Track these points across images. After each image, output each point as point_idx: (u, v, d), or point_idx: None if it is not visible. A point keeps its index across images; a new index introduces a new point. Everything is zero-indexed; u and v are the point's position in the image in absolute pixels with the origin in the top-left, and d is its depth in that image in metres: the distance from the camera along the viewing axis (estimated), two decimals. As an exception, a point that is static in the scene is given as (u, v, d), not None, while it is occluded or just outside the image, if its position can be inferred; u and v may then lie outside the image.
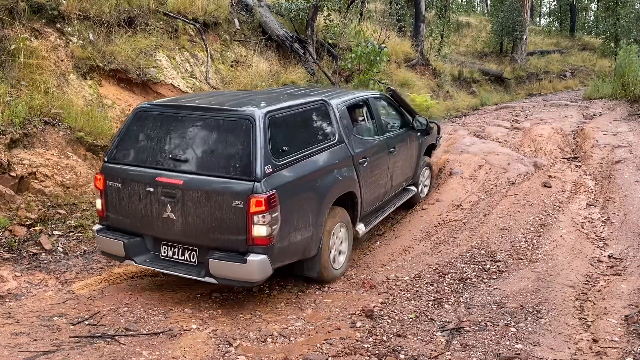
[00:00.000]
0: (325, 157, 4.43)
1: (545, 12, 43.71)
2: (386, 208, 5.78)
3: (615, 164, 7.92)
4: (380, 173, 5.36)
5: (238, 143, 3.80)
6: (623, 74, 14.72)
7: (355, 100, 5.40)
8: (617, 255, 5.07)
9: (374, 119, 5.58)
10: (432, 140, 6.99)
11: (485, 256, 5.14)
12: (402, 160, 5.94)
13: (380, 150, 5.39)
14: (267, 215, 3.63)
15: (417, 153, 6.47)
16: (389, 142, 5.61)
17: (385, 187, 5.56)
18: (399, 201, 6.10)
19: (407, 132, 6.22)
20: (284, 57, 10.89)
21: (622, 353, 3.25)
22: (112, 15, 7.68)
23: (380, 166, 5.33)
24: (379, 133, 5.52)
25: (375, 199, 5.36)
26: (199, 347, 3.34)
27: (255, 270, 3.68)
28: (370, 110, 5.60)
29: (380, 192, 5.43)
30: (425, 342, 3.45)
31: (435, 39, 18.28)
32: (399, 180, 5.95)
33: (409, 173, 6.30)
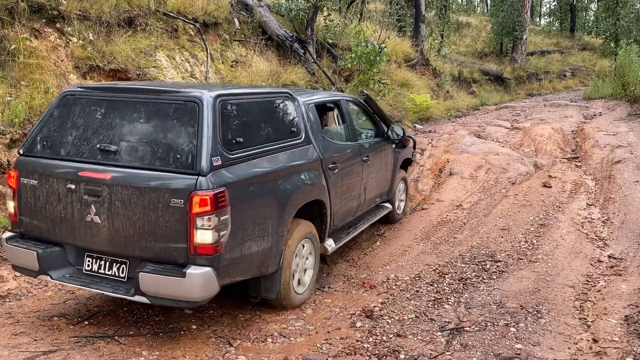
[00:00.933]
0: (289, 156, 3.85)
1: (545, 12, 43.73)
2: (359, 224, 5.19)
3: (615, 164, 7.92)
4: (353, 183, 4.82)
5: (181, 131, 3.17)
6: (623, 74, 14.72)
7: (325, 101, 4.95)
8: (617, 256, 5.07)
9: (346, 122, 5.05)
10: (408, 154, 6.47)
11: (485, 256, 5.14)
12: (377, 172, 5.40)
13: (353, 157, 4.86)
14: (214, 218, 3.00)
15: (392, 166, 5.91)
16: (363, 150, 5.09)
17: (358, 200, 5.00)
18: (372, 218, 5.50)
19: (382, 142, 5.69)
20: (284, 57, 10.89)
21: (622, 353, 3.25)
22: (112, 15, 7.67)
23: (352, 175, 4.79)
24: (351, 139, 4.99)
25: (347, 213, 4.79)
26: (199, 347, 3.34)
27: (196, 287, 3.04)
28: (342, 113, 5.07)
29: (352, 205, 4.87)
30: (425, 342, 3.45)
31: (435, 39, 18.28)
32: (373, 194, 5.39)
33: (384, 187, 5.74)
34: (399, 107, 12.37)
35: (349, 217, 4.89)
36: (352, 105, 5.44)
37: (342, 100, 5.20)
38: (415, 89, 13.62)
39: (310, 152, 4.14)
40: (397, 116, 11.92)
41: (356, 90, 11.16)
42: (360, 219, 5.31)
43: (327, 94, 5.43)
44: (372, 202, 5.51)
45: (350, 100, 5.46)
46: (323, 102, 4.87)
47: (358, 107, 5.61)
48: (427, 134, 10.84)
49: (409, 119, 12.31)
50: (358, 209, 5.09)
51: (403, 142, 6.17)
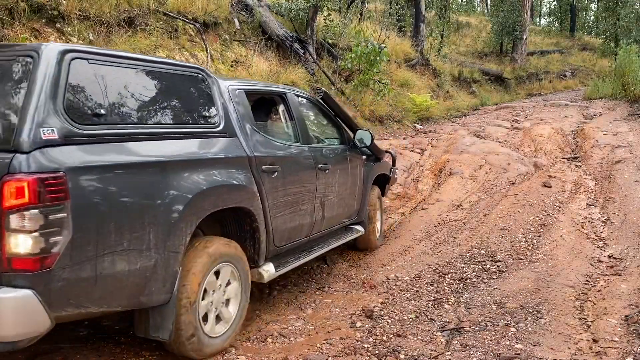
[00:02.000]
0: (194, 146, 3.00)
1: (545, 12, 43.73)
2: (316, 247, 4.25)
3: (615, 164, 7.92)
4: (303, 194, 3.90)
5: (9, 92, 2.39)
6: (623, 74, 14.72)
7: (263, 90, 4.20)
8: (617, 255, 5.07)
9: (294, 120, 4.15)
10: (383, 170, 5.59)
11: (485, 256, 5.14)
12: (341, 186, 4.52)
13: (303, 162, 3.97)
14: (37, 216, 2.11)
15: (362, 181, 5.03)
16: (319, 156, 4.20)
17: (313, 217, 4.07)
18: (335, 241, 4.58)
19: (349, 151, 4.83)
20: (284, 57, 10.89)
21: (622, 353, 3.25)
22: (112, 15, 7.68)
23: (302, 184, 3.89)
24: (301, 140, 4.10)
25: (295, 231, 3.88)
26: (199, 347, 3.34)
27: (6, 320, 2.12)
28: (289, 109, 4.17)
29: (303, 222, 3.95)
30: (425, 342, 3.45)
31: (435, 39, 18.29)
32: (335, 211, 4.47)
33: (351, 206, 4.85)
34: (399, 107, 12.38)
35: (298, 236, 3.95)
36: (304, 102, 4.56)
37: (289, 93, 4.24)
38: (415, 89, 13.63)
39: (232, 145, 3.25)
40: (397, 116, 11.93)
41: (356, 90, 11.18)
42: (318, 241, 4.36)
43: (269, 84, 4.65)
44: (336, 222, 4.61)
45: (302, 96, 4.57)
46: (258, 92, 4.09)
47: (314, 106, 4.75)
48: (427, 134, 10.84)
49: (409, 119, 12.32)
50: (313, 228, 4.13)
51: (377, 154, 5.36)
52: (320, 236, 4.38)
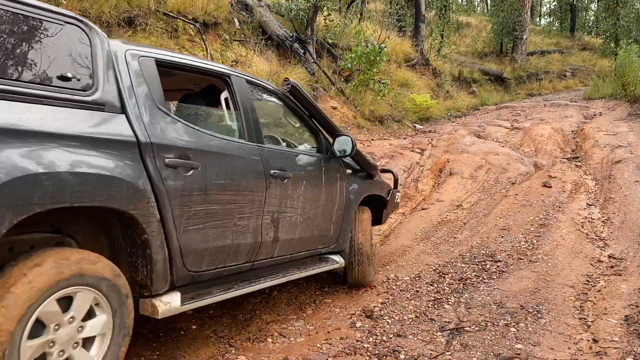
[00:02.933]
0: (36, 114, 2.11)
1: (545, 12, 43.74)
2: (265, 277, 3.35)
3: (615, 164, 7.93)
4: (242, 205, 3.00)
5: None
6: (623, 74, 14.73)
7: (194, 67, 3.12)
8: (617, 255, 5.07)
9: (239, 111, 3.26)
10: (375, 190, 4.57)
11: (485, 256, 5.14)
12: (308, 203, 3.61)
13: (244, 164, 3.06)
14: None
15: (343, 201, 4.05)
16: (273, 159, 3.28)
17: (258, 237, 3.16)
18: (298, 271, 3.65)
19: (325, 162, 3.89)
20: (284, 57, 10.89)
21: (622, 353, 3.25)
22: (112, 15, 7.68)
23: (240, 191, 2.99)
24: (247, 137, 3.20)
25: (226, 253, 2.95)
26: (199, 347, 3.34)
27: None
28: (234, 97, 3.28)
29: (240, 242, 3.03)
30: (425, 342, 3.45)
31: (435, 39, 18.30)
32: (298, 234, 3.55)
33: (324, 229, 3.86)
34: (399, 107, 12.39)
35: (232, 261, 3.03)
36: (261, 92, 3.67)
37: (235, 77, 3.32)
38: (415, 89, 13.64)
39: (111, 123, 2.41)
40: (397, 116, 11.93)
41: (356, 90, 11.17)
42: (271, 270, 3.46)
43: (206, 61, 3.34)
44: (303, 248, 3.69)
45: (259, 85, 3.60)
46: (182, 67, 3.05)
47: (279, 101, 3.82)
48: (427, 134, 10.84)
49: (409, 118, 12.32)
50: (258, 252, 3.21)
51: (366, 169, 4.41)
52: (272, 263, 3.42)
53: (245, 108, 3.30)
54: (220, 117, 3.41)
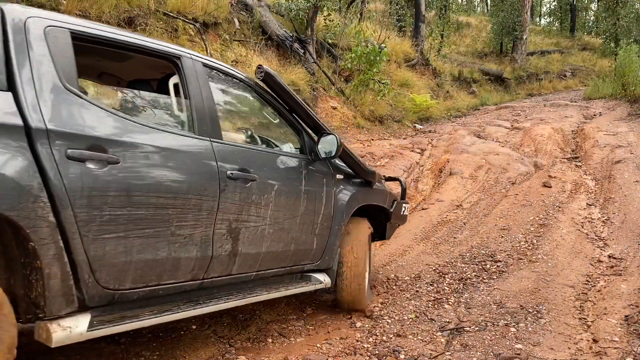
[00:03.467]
0: None
1: (545, 12, 43.74)
2: (220, 297, 2.81)
3: (615, 164, 7.93)
4: (181, 210, 2.45)
5: None
6: (623, 74, 14.73)
7: (130, 44, 2.52)
8: (617, 255, 5.07)
9: (190, 99, 2.72)
10: (373, 200, 4.01)
11: (485, 256, 5.15)
12: (284, 212, 3.08)
13: (187, 161, 2.52)
14: None
15: (330, 209, 3.48)
16: (231, 158, 2.75)
17: (207, 250, 2.62)
18: (268, 292, 3.10)
19: (308, 165, 3.34)
20: (284, 57, 10.90)
21: (622, 353, 3.25)
22: (112, 15, 7.68)
23: (180, 193, 2.44)
24: (196, 130, 2.66)
25: (158, 268, 2.40)
26: (199, 347, 3.34)
27: None
28: (185, 83, 2.73)
29: (180, 256, 2.48)
30: (425, 342, 3.45)
31: (435, 39, 18.31)
32: (269, 247, 3.03)
33: (305, 243, 3.33)
34: (399, 107, 12.39)
35: (168, 278, 2.46)
36: (218, 78, 3.05)
37: (185, 59, 2.76)
38: (415, 89, 13.64)
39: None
40: (397, 116, 11.94)
41: (356, 90, 11.17)
42: (230, 289, 2.94)
43: (145, 38, 2.70)
44: (274, 264, 3.15)
45: (220, 69, 3.03)
46: (110, 42, 2.46)
47: (249, 90, 3.28)
48: (427, 134, 10.85)
49: (409, 118, 12.32)
50: (209, 268, 2.67)
51: (362, 175, 3.81)
52: (232, 282, 2.89)
53: (197, 97, 2.74)
54: (163, 105, 2.90)
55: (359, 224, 3.89)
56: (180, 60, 2.75)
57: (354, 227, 3.82)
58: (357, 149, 8.62)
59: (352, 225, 3.82)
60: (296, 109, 3.42)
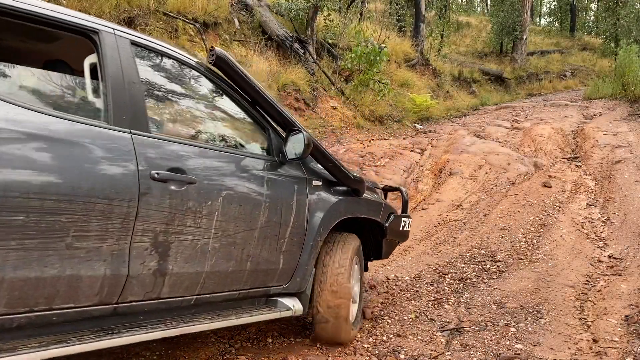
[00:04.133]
0: None
1: (545, 12, 43.74)
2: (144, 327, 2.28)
3: (615, 164, 7.92)
4: (81, 217, 1.94)
5: None
6: (623, 74, 14.73)
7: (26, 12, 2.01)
8: (617, 255, 5.07)
9: (107, 83, 2.20)
10: (361, 211, 3.44)
11: (486, 256, 5.14)
12: (237, 223, 2.54)
13: (91, 157, 2.02)
14: None
15: (303, 222, 2.95)
16: (160, 155, 2.26)
17: (120, 268, 2.11)
18: (213, 320, 2.55)
19: (273, 167, 2.83)
20: (284, 57, 10.90)
21: (622, 353, 3.25)
22: (112, 15, 7.68)
23: (78, 196, 1.93)
24: (112, 119, 2.16)
25: (47, 288, 1.90)
26: (198, 347, 3.34)
27: None
28: (103, 64, 2.22)
29: (80, 274, 1.98)
30: (425, 342, 3.45)
31: (435, 39, 18.31)
32: (215, 266, 2.48)
33: (266, 262, 2.77)
34: (399, 107, 12.39)
35: (63, 301, 1.98)
36: (153, 59, 2.53)
37: (105, 34, 2.26)
38: (415, 89, 13.64)
39: None
40: (397, 116, 11.94)
41: (356, 90, 11.17)
42: (158, 316, 2.40)
43: (50, 6, 2.16)
44: (224, 286, 2.61)
45: (151, 48, 2.48)
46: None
47: (193, 74, 2.74)
48: (427, 134, 10.84)
49: (409, 118, 12.32)
50: (121, 290, 2.14)
51: (345, 182, 3.23)
52: (162, 307, 2.36)
53: (116, 80, 2.24)
54: (65, 88, 2.37)
55: (344, 240, 3.30)
56: (99, 36, 2.24)
57: (335, 244, 3.25)
58: (357, 149, 8.62)
59: (335, 241, 3.27)
60: (259, 101, 2.83)
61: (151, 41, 2.51)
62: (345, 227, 3.49)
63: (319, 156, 3.02)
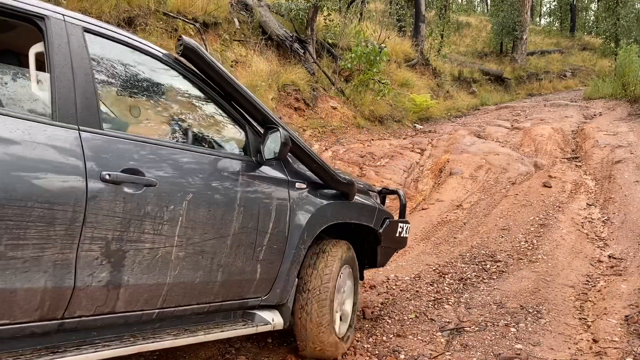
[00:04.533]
0: None
1: (545, 12, 43.74)
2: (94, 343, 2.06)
3: (615, 164, 7.92)
4: (16, 220, 1.72)
5: None
6: (623, 74, 14.73)
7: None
8: (617, 256, 5.07)
9: (52, 74, 1.98)
10: (354, 217, 3.22)
11: (486, 256, 5.14)
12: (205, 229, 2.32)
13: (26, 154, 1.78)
14: None
15: (284, 227, 2.71)
16: (112, 154, 2.04)
17: (64, 279, 1.87)
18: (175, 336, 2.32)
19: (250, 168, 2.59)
20: (284, 57, 10.90)
21: (622, 353, 3.25)
22: (112, 15, 7.68)
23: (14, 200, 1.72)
24: (57, 114, 1.93)
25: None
26: (198, 347, 3.34)
27: None
28: (49, 51, 1.99)
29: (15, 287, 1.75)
30: (425, 342, 3.45)
31: (435, 39, 18.31)
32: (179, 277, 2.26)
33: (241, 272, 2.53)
34: (399, 107, 12.39)
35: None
36: (108, 48, 2.27)
37: (53, 20, 2.05)
38: (415, 89, 13.64)
39: None
40: (397, 116, 11.94)
41: (356, 90, 11.17)
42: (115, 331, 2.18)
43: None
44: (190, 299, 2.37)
45: (106, 35, 2.23)
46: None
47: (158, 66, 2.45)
48: (427, 134, 10.84)
49: (409, 118, 12.32)
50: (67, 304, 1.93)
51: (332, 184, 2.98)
52: (119, 322, 2.15)
53: (63, 71, 2.02)
54: (8, 80, 2.20)
55: (332, 247, 3.07)
56: (45, 22, 2.02)
57: (321, 252, 3.01)
58: (357, 149, 8.62)
59: (322, 249, 3.04)
60: (234, 96, 2.57)
61: (108, 29, 2.26)
62: (338, 234, 3.32)
63: (303, 156, 2.77)
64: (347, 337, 3.23)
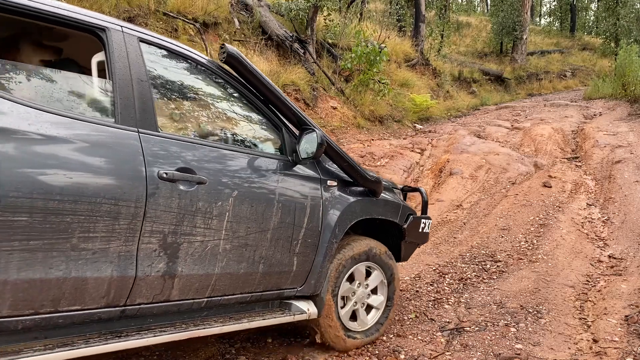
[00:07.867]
0: None
1: (545, 12, 43.74)
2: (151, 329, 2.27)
3: (615, 164, 7.93)
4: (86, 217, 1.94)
5: None
6: (623, 74, 14.73)
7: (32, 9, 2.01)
8: (617, 255, 5.07)
9: (114, 81, 2.19)
10: (377, 212, 3.33)
11: (486, 256, 5.14)
12: (248, 225, 2.50)
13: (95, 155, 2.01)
14: None
15: (318, 223, 2.87)
16: (168, 154, 2.23)
17: (128, 270, 2.09)
18: (222, 323, 2.51)
19: (286, 168, 2.76)
20: (284, 57, 10.90)
21: (622, 353, 3.25)
22: (112, 15, 7.69)
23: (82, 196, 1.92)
24: (119, 118, 2.15)
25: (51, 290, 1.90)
26: (198, 347, 3.34)
27: None
28: (110, 62, 2.21)
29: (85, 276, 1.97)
30: (425, 342, 3.45)
31: (435, 39, 18.32)
32: (226, 268, 2.45)
33: (279, 264, 2.72)
34: (399, 107, 12.39)
35: (69, 303, 1.96)
36: (162, 58, 2.47)
37: (113, 32, 2.26)
38: (415, 89, 13.64)
39: None
40: (397, 116, 11.94)
41: (356, 90, 11.17)
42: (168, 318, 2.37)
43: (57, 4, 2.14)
44: (235, 289, 2.56)
45: (159, 45, 2.44)
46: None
47: (205, 72, 2.65)
48: (427, 134, 10.84)
49: (409, 118, 12.32)
50: (129, 292, 2.12)
51: (361, 182, 3.14)
52: (172, 310, 2.33)
53: (124, 78, 2.21)
54: (73, 86, 2.31)
55: (359, 241, 3.28)
56: (106, 34, 2.23)
57: (349, 246, 3.22)
58: (357, 149, 8.62)
59: (349, 243, 3.24)
60: (272, 99, 2.76)
61: (160, 39, 2.47)
62: (364, 230, 3.50)
63: (334, 156, 2.96)
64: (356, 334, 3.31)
